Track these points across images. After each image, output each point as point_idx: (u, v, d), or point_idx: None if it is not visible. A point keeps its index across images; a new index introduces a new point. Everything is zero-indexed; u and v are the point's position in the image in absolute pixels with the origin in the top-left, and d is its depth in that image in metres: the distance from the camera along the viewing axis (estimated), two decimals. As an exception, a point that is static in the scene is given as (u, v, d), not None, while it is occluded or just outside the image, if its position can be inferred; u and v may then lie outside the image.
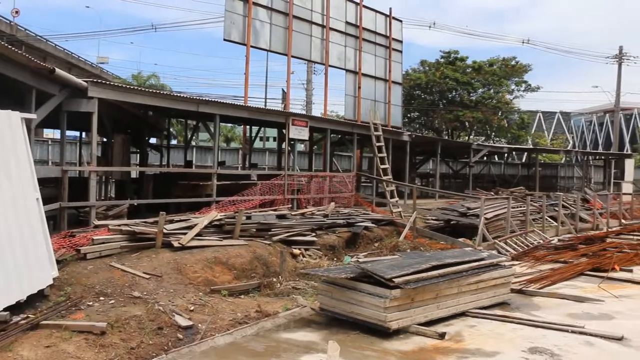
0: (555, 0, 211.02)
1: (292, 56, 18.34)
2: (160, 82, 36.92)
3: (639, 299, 7.99)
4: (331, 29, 19.41)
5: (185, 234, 8.73)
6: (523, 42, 41.83)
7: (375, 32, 21.41)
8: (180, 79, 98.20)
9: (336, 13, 19.69)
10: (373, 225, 12.82)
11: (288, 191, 14.45)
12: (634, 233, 16.44)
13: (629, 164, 32.46)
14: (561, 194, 19.64)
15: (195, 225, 9.08)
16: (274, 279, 8.44)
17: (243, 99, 16.73)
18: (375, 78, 21.46)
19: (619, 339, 5.94)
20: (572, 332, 6.17)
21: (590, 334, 6.07)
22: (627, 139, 74.68)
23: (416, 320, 6.23)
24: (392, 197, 16.83)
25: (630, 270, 10.08)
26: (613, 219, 19.49)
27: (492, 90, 38.21)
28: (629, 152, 51.55)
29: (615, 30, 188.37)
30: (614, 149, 42.65)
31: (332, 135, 18.74)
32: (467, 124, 37.33)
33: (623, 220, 20.03)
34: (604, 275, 9.47)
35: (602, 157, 36.39)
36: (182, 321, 6.00)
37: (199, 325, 6.01)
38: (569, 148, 54.17)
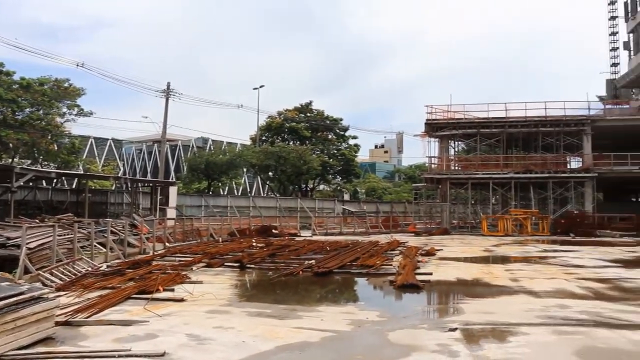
0: (113, 27, 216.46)
1: None
2: None
3: (179, 315, 8.78)
4: None
5: None
6: (78, 65, 41.25)
7: None
8: None
9: None
10: None
11: None
12: (177, 255, 18.09)
13: (173, 191, 35.61)
14: (111, 220, 20.06)
15: None
16: None
17: None
18: None
19: (162, 355, 6.41)
20: (119, 356, 6.33)
21: (136, 355, 6.35)
22: (172, 167, 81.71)
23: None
24: None
25: (172, 290, 11.03)
26: (159, 243, 21.00)
27: (41, 111, 36.47)
28: (174, 180, 56.53)
29: (167, 65, 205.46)
30: (161, 177, 46.11)
31: None
32: (10, 145, 34.52)
33: (167, 244, 21.78)
34: (149, 297, 10.06)
35: (150, 185, 38.82)
36: None
37: None
38: (119, 175, 55.76)
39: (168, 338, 7.28)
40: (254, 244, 22.12)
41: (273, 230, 30.50)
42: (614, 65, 62.74)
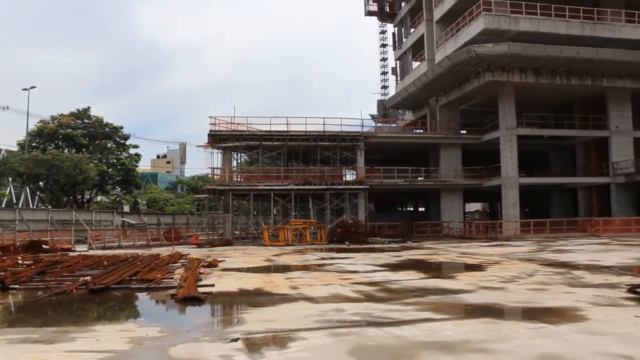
0: None
1: None
2: None
3: None
4: None
5: None
6: None
7: None
8: None
9: None
10: None
11: None
12: None
13: None
14: None
15: None
16: None
17: None
18: None
19: None
20: None
21: None
22: None
23: None
24: None
25: None
26: None
27: None
28: None
29: None
30: None
31: None
32: None
33: None
34: None
35: None
36: None
37: None
38: None
39: None
40: (20, 261, 20.00)
41: (43, 246, 27.92)
42: (384, 87, 69.49)
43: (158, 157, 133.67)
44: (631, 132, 43.41)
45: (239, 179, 41.81)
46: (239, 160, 45.73)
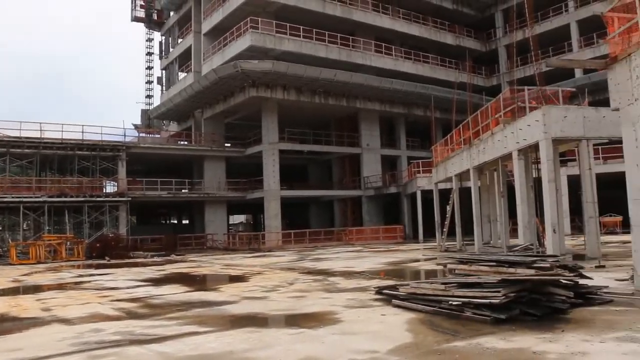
0: None
1: None
2: None
3: None
4: None
5: None
6: None
7: None
8: None
9: None
10: None
11: None
12: None
13: None
14: None
15: None
16: None
17: None
18: None
19: None
20: None
21: None
22: None
23: None
24: None
25: None
26: None
27: None
28: None
29: None
30: None
31: None
32: None
33: None
34: None
35: None
36: None
37: None
38: None
39: None
40: None
41: None
42: (149, 97, 67.66)
43: None
44: (379, 150, 48.76)
45: (-21, 190, 37.10)
46: (-20, 169, 40.63)
